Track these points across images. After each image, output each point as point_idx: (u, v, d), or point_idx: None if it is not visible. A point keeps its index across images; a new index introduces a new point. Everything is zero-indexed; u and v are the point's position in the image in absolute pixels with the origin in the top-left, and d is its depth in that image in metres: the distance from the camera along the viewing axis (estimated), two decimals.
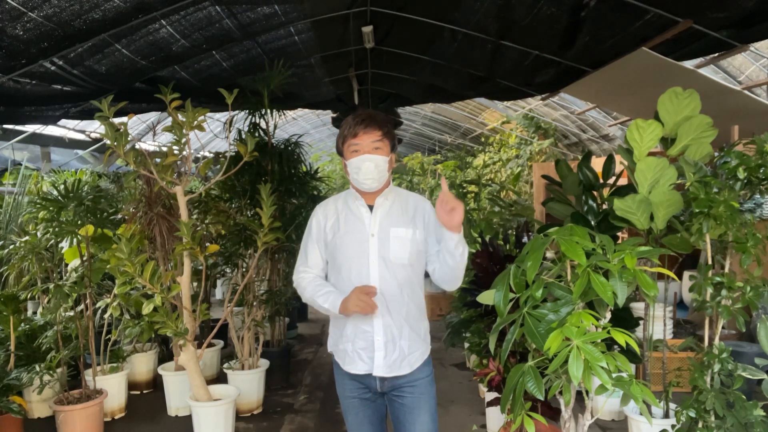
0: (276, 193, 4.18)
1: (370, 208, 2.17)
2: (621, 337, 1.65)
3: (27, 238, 4.20)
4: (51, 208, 3.87)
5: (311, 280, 2.20)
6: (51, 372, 3.68)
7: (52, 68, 3.10)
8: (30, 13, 2.49)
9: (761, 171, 2.37)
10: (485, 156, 11.25)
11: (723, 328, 3.85)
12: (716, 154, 2.55)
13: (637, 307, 4.10)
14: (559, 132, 10.01)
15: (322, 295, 2.12)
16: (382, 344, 2.10)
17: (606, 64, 3.92)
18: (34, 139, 6.69)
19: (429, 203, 2.23)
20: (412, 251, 2.13)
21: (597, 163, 3.25)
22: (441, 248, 2.07)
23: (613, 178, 3.10)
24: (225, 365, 4.39)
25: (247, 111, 4.60)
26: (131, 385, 4.57)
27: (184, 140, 3.29)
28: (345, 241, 2.15)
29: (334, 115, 8.14)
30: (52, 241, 4.18)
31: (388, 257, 2.10)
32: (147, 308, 3.14)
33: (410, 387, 2.15)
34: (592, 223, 2.86)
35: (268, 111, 4.57)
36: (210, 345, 4.78)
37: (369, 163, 2.08)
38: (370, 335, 2.11)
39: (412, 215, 2.17)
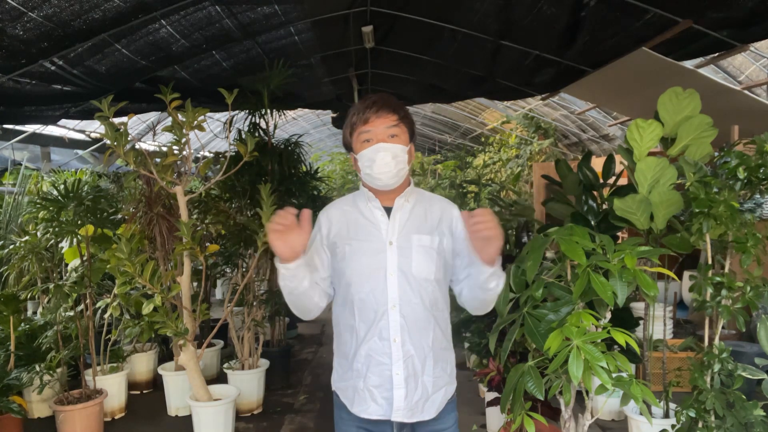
0: (276, 193, 4.17)
1: (387, 211, 1.78)
2: (621, 337, 1.65)
3: (27, 238, 4.20)
4: (51, 208, 3.87)
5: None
6: (51, 372, 3.68)
7: (52, 68, 3.10)
8: (30, 13, 2.49)
9: (761, 171, 2.37)
10: (485, 156, 11.26)
11: (723, 328, 3.86)
12: (716, 154, 2.55)
13: (637, 307, 4.10)
14: (559, 132, 10.01)
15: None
16: (402, 380, 1.70)
17: (606, 64, 3.92)
18: (34, 139, 6.69)
19: (457, 208, 1.87)
20: (439, 264, 1.76)
21: (597, 163, 3.25)
22: (470, 275, 1.75)
23: (613, 178, 3.10)
24: (225, 365, 4.39)
25: (247, 111, 4.60)
26: (131, 385, 4.57)
27: (184, 140, 3.29)
28: (356, 251, 1.75)
29: (334, 115, 8.14)
30: (52, 241, 4.18)
31: (410, 271, 1.71)
32: (147, 308, 3.14)
33: None
34: (592, 223, 2.86)
35: (268, 111, 4.57)
36: (210, 345, 4.78)
37: (384, 153, 1.70)
38: (387, 369, 1.71)
39: (438, 221, 1.80)
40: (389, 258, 1.72)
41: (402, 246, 1.73)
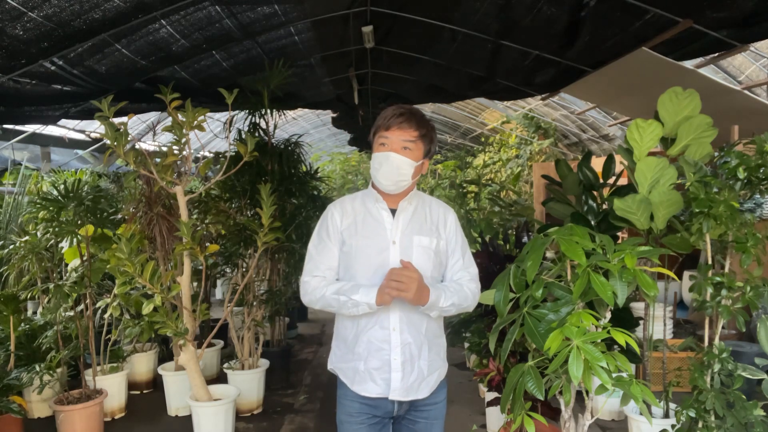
0: (276, 193, 4.18)
1: (392, 212, 1.96)
2: (621, 337, 1.65)
3: (27, 238, 4.20)
4: (51, 208, 3.87)
5: (330, 282, 1.93)
6: (51, 372, 3.68)
7: (52, 68, 3.10)
8: (30, 13, 2.49)
9: (761, 171, 2.37)
10: (485, 156, 11.26)
11: (723, 328, 3.85)
12: (716, 154, 2.55)
13: (637, 307, 4.10)
14: (559, 132, 10.00)
15: (349, 288, 1.85)
16: (399, 365, 1.89)
17: (606, 64, 3.92)
18: (34, 139, 6.69)
19: (453, 213, 2.06)
20: (435, 263, 1.95)
21: (597, 163, 3.26)
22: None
23: (613, 178, 3.10)
24: (225, 365, 4.39)
25: (247, 111, 4.60)
26: (131, 385, 4.57)
27: (184, 140, 3.29)
28: (362, 247, 1.92)
29: (334, 115, 8.15)
30: (52, 241, 4.18)
31: None
32: (147, 308, 3.14)
33: (425, 411, 1.99)
34: (592, 223, 2.86)
35: (268, 111, 4.57)
36: (210, 345, 4.78)
37: (391, 162, 1.87)
38: (386, 354, 1.89)
39: (436, 224, 1.99)
40: (392, 255, 1.90)
41: (404, 245, 1.92)
